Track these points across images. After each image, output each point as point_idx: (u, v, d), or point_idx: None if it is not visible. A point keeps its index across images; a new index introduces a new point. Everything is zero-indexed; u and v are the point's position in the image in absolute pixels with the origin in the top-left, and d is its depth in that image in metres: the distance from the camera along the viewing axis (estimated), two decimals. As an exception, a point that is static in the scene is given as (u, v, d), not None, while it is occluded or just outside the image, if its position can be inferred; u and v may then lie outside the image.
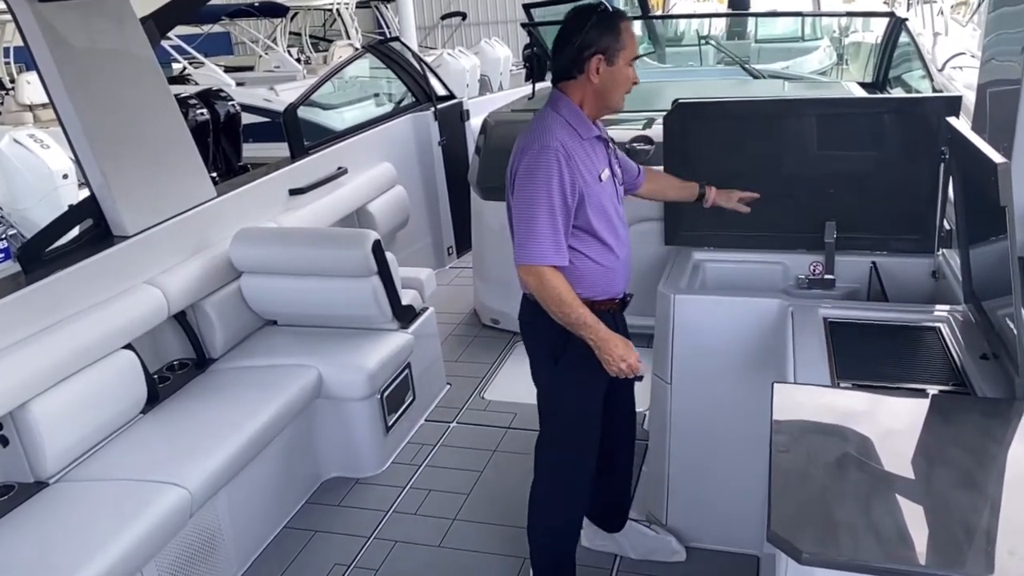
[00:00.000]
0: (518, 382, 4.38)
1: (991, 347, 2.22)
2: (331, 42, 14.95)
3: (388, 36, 12.33)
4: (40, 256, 3.27)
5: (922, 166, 2.96)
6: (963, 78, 7.67)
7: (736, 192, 3.01)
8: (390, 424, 3.76)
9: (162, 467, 2.90)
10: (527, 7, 5.94)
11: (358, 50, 6.96)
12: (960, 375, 2.19)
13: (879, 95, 5.09)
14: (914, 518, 1.63)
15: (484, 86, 12.43)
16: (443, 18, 17.50)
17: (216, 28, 14.31)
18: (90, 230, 3.52)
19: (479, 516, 3.38)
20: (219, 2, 13.06)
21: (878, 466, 1.78)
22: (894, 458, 1.82)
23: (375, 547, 3.24)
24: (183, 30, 12.84)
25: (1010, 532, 1.54)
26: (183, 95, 7.99)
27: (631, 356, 2.43)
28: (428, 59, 9.81)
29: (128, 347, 3.27)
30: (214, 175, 7.48)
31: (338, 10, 14.54)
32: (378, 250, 3.69)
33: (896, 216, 3.04)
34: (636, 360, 2.45)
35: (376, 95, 9.29)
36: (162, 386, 3.50)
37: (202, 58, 12.28)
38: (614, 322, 2.58)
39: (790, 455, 1.81)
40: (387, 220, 5.28)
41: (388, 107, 6.95)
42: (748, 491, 2.75)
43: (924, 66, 5.12)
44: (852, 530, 1.57)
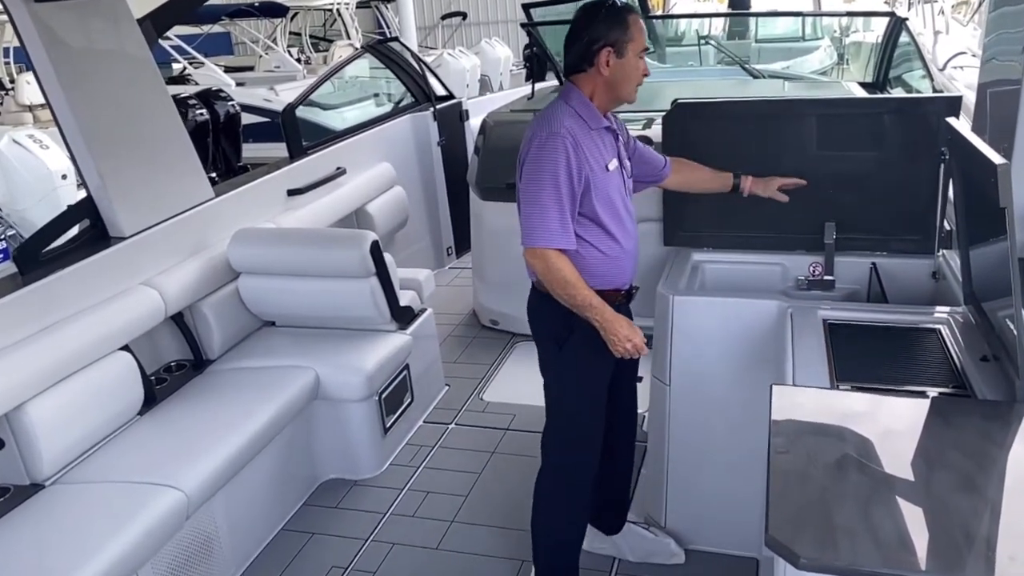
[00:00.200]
0: (517, 383, 4.39)
1: (991, 349, 2.21)
2: (331, 42, 14.93)
3: (388, 36, 12.32)
4: (37, 257, 3.26)
5: (922, 167, 2.95)
6: (964, 78, 7.66)
7: (776, 179, 2.90)
8: (388, 425, 3.75)
9: (158, 469, 2.89)
10: (526, 7, 5.93)
11: (358, 50, 6.95)
12: (960, 377, 2.18)
13: (879, 95, 5.08)
14: (914, 522, 1.61)
15: (484, 86, 12.44)
16: (443, 18, 17.50)
17: (216, 28, 14.32)
18: (87, 231, 3.51)
19: (477, 518, 3.36)
20: (219, 2, 13.05)
21: (877, 469, 1.77)
22: (893, 461, 1.81)
23: (373, 549, 3.23)
24: (183, 30, 12.84)
25: (1011, 537, 1.53)
26: (183, 95, 7.99)
27: (636, 336, 2.46)
28: (428, 59, 9.80)
29: (125, 348, 3.26)
30: (214, 175, 7.51)
31: (338, 10, 14.54)
32: (376, 251, 3.68)
33: (896, 217, 3.03)
34: (641, 340, 2.47)
35: (376, 95, 9.29)
36: (159, 387, 3.48)
37: (202, 58, 12.27)
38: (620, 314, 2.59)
39: (789, 458, 1.80)
40: (386, 221, 5.27)
41: (388, 107, 6.94)
42: (748, 493, 2.74)
43: (924, 66, 5.11)
44: (851, 534, 1.56)
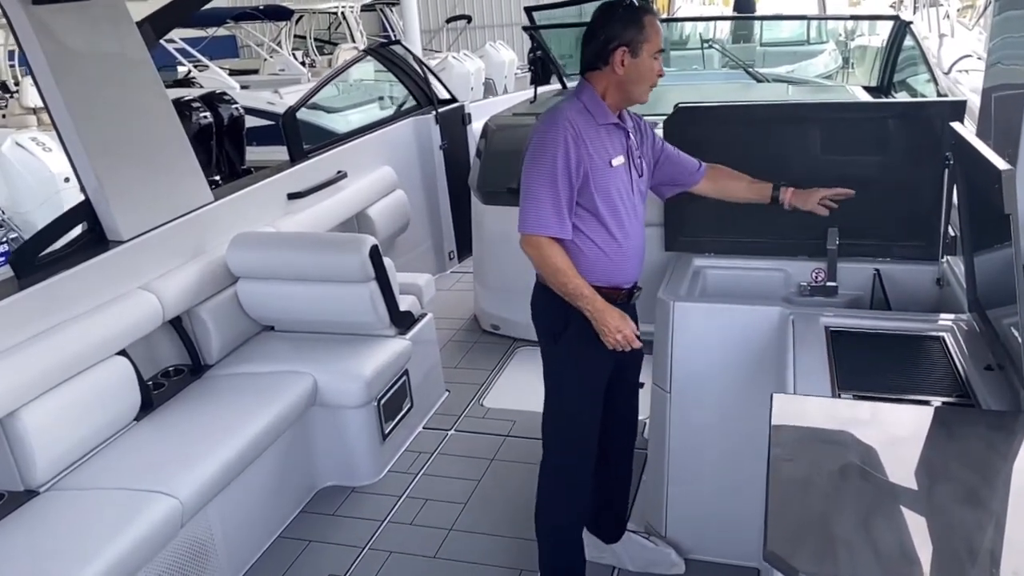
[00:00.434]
0: (518, 389, 4.36)
1: (996, 358, 2.17)
2: (336, 45, 14.94)
3: (391, 39, 12.33)
4: (34, 261, 3.24)
5: (926, 171, 2.92)
6: (969, 81, 7.60)
7: (818, 191, 2.72)
8: (387, 432, 3.72)
9: (153, 476, 2.87)
10: (529, 10, 5.92)
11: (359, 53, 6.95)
12: (964, 387, 2.15)
13: (882, 99, 5.05)
14: (915, 536, 1.58)
15: (489, 89, 12.45)
16: (448, 21, 17.52)
17: (221, 31, 14.35)
18: (85, 235, 3.49)
19: (476, 527, 3.33)
20: (224, 5, 13.06)
21: (879, 481, 1.74)
22: (895, 472, 1.77)
23: (370, 558, 3.19)
24: (188, 33, 12.86)
25: (1015, 551, 1.50)
26: (186, 98, 7.99)
27: (626, 328, 2.47)
28: (433, 62, 9.80)
29: (123, 353, 3.24)
30: (217, 178, 7.51)
31: (343, 13, 14.55)
32: (375, 255, 3.65)
33: (900, 222, 3.00)
34: (631, 332, 2.48)
35: (380, 98, 9.29)
36: (156, 392, 3.46)
37: (207, 61, 12.28)
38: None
39: (788, 469, 1.77)
40: (387, 224, 5.24)
41: (391, 110, 6.93)
42: (749, 502, 2.70)
43: (929, 70, 5.07)
44: (851, 547, 1.53)
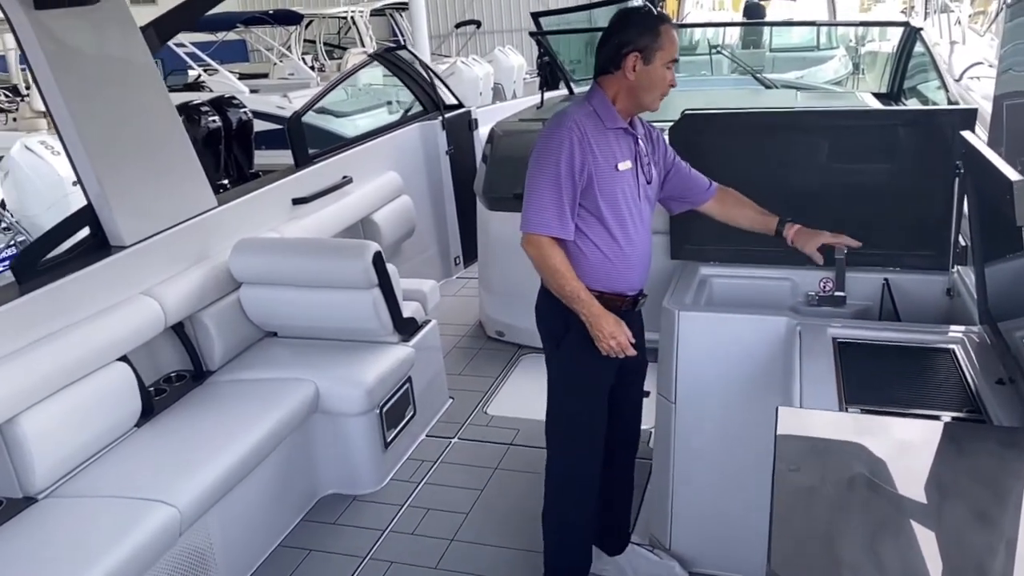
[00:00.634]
0: (522, 397, 4.32)
1: (1008, 371, 2.12)
2: (345, 50, 14.95)
3: (400, 44, 12.33)
4: (35, 266, 3.22)
5: (936, 180, 2.87)
6: (981, 88, 7.54)
7: (823, 234, 2.65)
8: (389, 440, 3.68)
9: (152, 484, 2.84)
10: (535, 16, 5.90)
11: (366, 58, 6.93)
12: (975, 401, 2.10)
13: (892, 107, 5.00)
14: (923, 557, 1.53)
15: (498, 94, 12.43)
16: (458, 26, 17.51)
17: (231, 36, 14.38)
18: (87, 240, 3.47)
19: (479, 537, 3.29)
20: (234, 9, 13.10)
21: (885, 498, 1.69)
22: (903, 490, 1.73)
23: (371, 568, 3.16)
24: (198, 37, 12.91)
25: (1026, 575, 1.45)
26: (195, 102, 7.99)
27: (620, 334, 2.46)
28: (442, 67, 9.78)
29: (124, 359, 3.22)
30: (225, 182, 7.50)
31: (352, 18, 14.56)
32: (379, 262, 3.63)
33: (910, 231, 2.96)
34: (625, 339, 2.47)
35: (388, 103, 9.28)
36: (158, 398, 3.44)
37: (216, 65, 12.31)
38: (626, 320, 2.55)
39: (793, 486, 1.73)
40: (392, 230, 5.22)
41: (399, 115, 6.91)
42: (754, 515, 2.64)
43: (939, 77, 5.02)
44: (856, 570, 1.49)
